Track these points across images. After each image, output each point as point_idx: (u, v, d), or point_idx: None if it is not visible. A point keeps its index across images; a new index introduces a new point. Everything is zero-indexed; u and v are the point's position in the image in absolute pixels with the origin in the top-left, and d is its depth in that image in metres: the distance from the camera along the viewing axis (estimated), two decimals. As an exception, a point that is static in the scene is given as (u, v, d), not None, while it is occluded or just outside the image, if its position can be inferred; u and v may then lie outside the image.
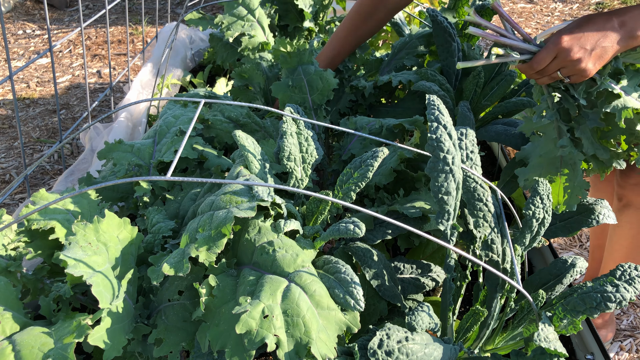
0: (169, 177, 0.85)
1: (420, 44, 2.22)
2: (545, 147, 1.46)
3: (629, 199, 1.72)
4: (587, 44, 1.26)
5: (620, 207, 1.76)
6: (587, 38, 1.26)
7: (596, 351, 1.59)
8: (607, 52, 1.28)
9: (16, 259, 1.24)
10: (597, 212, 1.44)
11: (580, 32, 1.26)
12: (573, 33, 1.26)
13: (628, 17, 1.26)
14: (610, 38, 1.27)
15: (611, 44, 1.27)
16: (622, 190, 1.73)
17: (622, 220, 1.76)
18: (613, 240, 1.87)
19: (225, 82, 2.91)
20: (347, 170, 1.31)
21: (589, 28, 1.26)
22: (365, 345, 1.05)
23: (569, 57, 1.27)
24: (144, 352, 1.12)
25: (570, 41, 1.26)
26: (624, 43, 1.28)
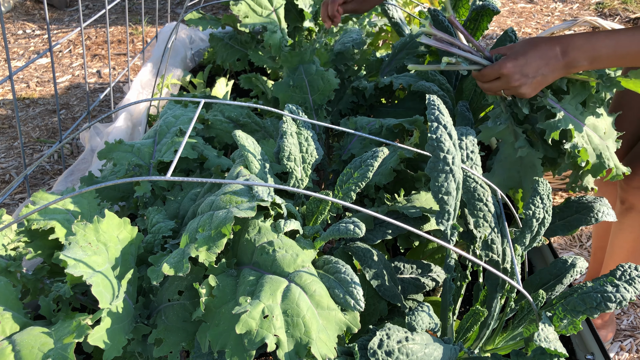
0: (169, 177, 0.85)
1: (420, 44, 2.22)
2: (504, 151, 1.52)
3: (631, 203, 1.72)
4: (529, 72, 1.33)
5: (623, 210, 1.76)
6: (529, 66, 1.33)
7: (596, 351, 1.59)
8: (546, 79, 1.35)
9: (16, 259, 1.24)
10: (596, 209, 1.44)
11: (523, 59, 1.33)
12: (517, 60, 1.33)
13: (571, 48, 1.31)
14: (551, 67, 1.33)
15: (551, 72, 1.34)
16: (625, 194, 1.73)
17: (625, 223, 1.76)
18: (614, 243, 1.87)
19: (225, 82, 2.91)
20: (347, 170, 1.31)
21: (533, 55, 1.33)
22: (365, 345, 1.05)
23: (510, 82, 1.35)
24: (144, 352, 1.12)
25: (512, 68, 1.33)
26: (564, 72, 1.35)
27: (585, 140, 1.42)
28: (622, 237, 1.82)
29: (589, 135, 1.44)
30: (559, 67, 1.33)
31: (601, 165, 1.45)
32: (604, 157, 1.45)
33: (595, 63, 1.32)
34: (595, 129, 1.45)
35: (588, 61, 1.32)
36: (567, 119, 1.40)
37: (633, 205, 1.72)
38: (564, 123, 1.39)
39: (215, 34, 3.00)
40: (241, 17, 2.31)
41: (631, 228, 1.76)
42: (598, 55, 1.31)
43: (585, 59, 1.31)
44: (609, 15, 4.90)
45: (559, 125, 1.38)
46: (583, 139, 1.42)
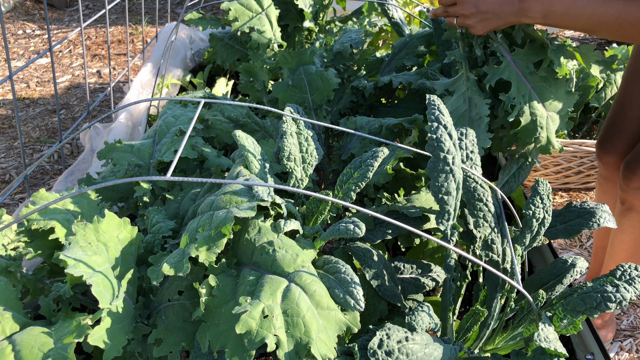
0: (169, 177, 0.85)
1: (420, 44, 2.22)
2: (454, 103, 1.50)
3: (631, 203, 1.72)
4: (482, 6, 1.36)
5: (623, 210, 1.75)
6: (484, 1, 1.36)
7: (596, 351, 1.59)
8: (498, 20, 1.36)
9: (16, 259, 1.24)
10: (598, 215, 1.43)
11: None
12: None
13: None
14: (504, 8, 1.34)
15: (503, 14, 1.35)
16: (624, 194, 1.73)
17: (625, 224, 1.76)
18: (614, 243, 1.87)
19: (225, 82, 2.91)
20: (347, 170, 1.31)
21: None
22: (365, 345, 1.05)
23: (462, 10, 1.38)
24: (144, 352, 1.12)
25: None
26: (516, 17, 1.35)
27: (525, 100, 1.41)
28: (623, 237, 1.82)
29: (531, 98, 1.43)
30: (511, 11, 1.34)
31: (533, 130, 1.43)
32: (538, 124, 1.43)
33: (548, 18, 1.32)
34: (540, 95, 1.44)
35: (541, 14, 1.32)
36: (512, 70, 1.40)
37: (633, 205, 1.72)
38: (506, 73, 1.39)
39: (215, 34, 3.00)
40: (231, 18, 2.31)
41: (631, 229, 1.76)
42: (552, 10, 1.31)
43: (539, 12, 1.32)
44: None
45: (502, 73, 1.39)
46: (523, 98, 1.41)
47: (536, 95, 1.43)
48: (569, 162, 2.57)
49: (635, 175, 1.66)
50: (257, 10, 2.39)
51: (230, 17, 2.31)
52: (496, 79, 1.40)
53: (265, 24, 2.39)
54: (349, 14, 3.16)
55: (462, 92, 1.48)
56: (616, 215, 1.80)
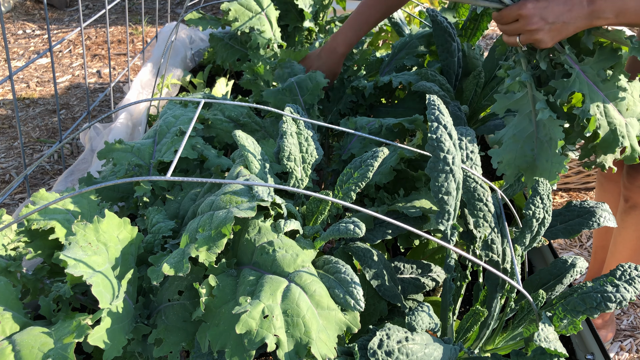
0: (169, 177, 0.85)
1: (420, 44, 2.22)
2: (519, 124, 1.38)
3: (635, 201, 1.72)
4: (549, 16, 1.24)
5: (627, 208, 1.75)
6: (551, 10, 1.24)
7: (596, 351, 1.59)
8: (568, 27, 1.26)
9: (16, 259, 1.24)
10: (598, 215, 1.43)
11: (546, 2, 1.24)
12: (539, 1, 1.24)
13: None
14: (573, 13, 1.24)
15: (573, 20, 1.25)
16: (628, 192, 1.73)
17: (628, 222, 1.76)
18: (617, 241, 1.87)
19: (225, 82, 2.91)
20: (347, 170, 1.31)
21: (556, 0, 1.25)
22: (365, 345, 1.05)
23: (527, 25, 1.26)
24: (144, 352, 1.12)
25: (532, 10, 1.25)
26: (587, 21, 1.26)
27: (600, 111, 1.30)
28: (626, 235, 1.82)
29: (606, 107, 1.31)
30: (583, 15, 1.24)
31: (614, 142, 1.32)
32: (618, 133, 1.31)
33: (622, 16, 1.24)
34: (616, 103, 1.33)
35: (614, 13, 1.23)
36: (583, 82, 1.29)
37: (637, 203, 1.72)
38: (577, 85, 1.27)
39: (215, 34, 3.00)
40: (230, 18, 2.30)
41: (635, 226, 1.75)
42: (625, 8, 1.22)
43: (612, 11, 1.23)
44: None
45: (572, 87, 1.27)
46: (598, 108, 1.29)
47: (611, 103, 1.32)
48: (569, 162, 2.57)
49: (638, 172, 1.66)
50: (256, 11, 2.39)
51: (230, 17, 2.30)
52: (567, 93, 1.28)
53: (265, 24, 2.39)
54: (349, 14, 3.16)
55: (527, 112, 1.36)
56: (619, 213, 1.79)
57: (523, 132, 1.37)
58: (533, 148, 1.36)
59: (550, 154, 1.31)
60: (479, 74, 2.00)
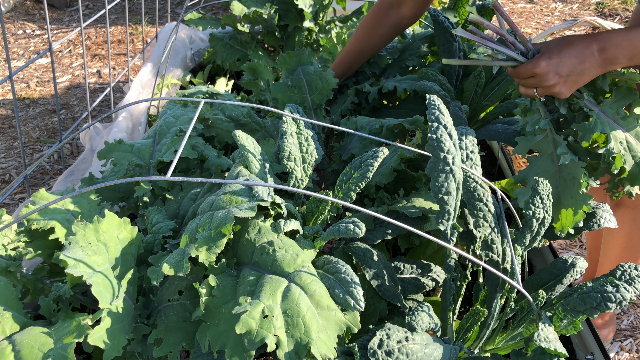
0: (169, 177, 0.85)
1: (422, 45, 2.22)
2: (542, 165, 1.44)
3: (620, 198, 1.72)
4: (564, 71, 1.29)
5: (612, 206, 1.76)
6: (564, 64, 1.29)
7: (596, 351, 1.59)
8: (583, 77, 1.31)
9: (16, 259, 1.24)
10: (599, 215, 1.43)
11: (558, 58, 1.29)
12: (551, 59, 1.29)
13: (609, 45, 1.28)
14: (587, 64, 1.29)
15: (588, 70, 1.30)
16: None
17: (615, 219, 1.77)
18: (607, 239, 1.88)
19: (225, 82, 2.91)
20: (347, 170, 1.31)
21: (568, 54, 1.29)
22: (365, 345, 1.05)
23: (544, 82, 1.30)
24: (144, 352, 1.12)
25: (547, 67, 1.29)
26: (601, 69, 1.31)
27: (623, 147, 1.36)
28: (614, 233, 1.82)
29: (629, 142, 1.38)
30: (596, 64, 1.29)
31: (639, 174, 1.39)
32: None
33: (634, 59, 1.29)
34: (637, 136, 1.39)
35: (627, 58, 1.28)
36: (604, 122, 1.34)
37: (621, 200, 1.72)
38: (599, 126, 1.33)
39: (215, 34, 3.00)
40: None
41: (621, 223, 1.76)
42: (637, 52, 1.28)
43: (624, 56, 1.28)
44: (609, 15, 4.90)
45: (594, 128, 1.32)
46: (621, 144, 1.36)
47: (634, 138, 1.39)
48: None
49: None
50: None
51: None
52: (590, 135, 1.33)
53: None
54: (349, 14, 3.16)
55: (549, 153, 1.41)
56: None
57: (546, 171, 1.42)
58: (557, 186, 1.41)
59: (574, 191, 1.36)
60: (480, 74, 2.00)
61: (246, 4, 2.88)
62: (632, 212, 1.74)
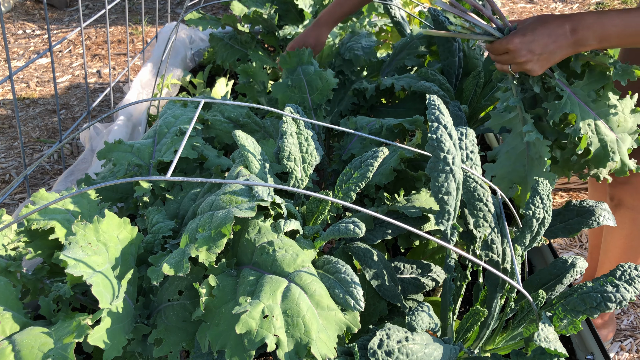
0: (169, 177, 0.85)
1: (421, 44, 2.22)
2: (512, 142, 1.47)
3: (620, 198, 1.73)
4: (536, 49, 1.33)
5: (612, 207, 1.76)
6: (537, 42, 1.33)
7: (596, 351, 1.59)
8: (554, 56, 1.34)
9: (16, 259, 1.24)
10: (598, 214, 1.44)
11: (532, 36, 1.33)
12: (525, 36, 1.33)
13: (580, 26, 1.31)
14: (558, 44, 1.33)
15: (559, 50, 1.34)
16: (613, 190, 1.73)
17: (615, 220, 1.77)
18: (607, 240, 1.88)
19: (225, 82, 2.91)
20: (347, 170, 1.31)
21: (541, 32, 1.33)
22: (365, 345, 1.05)
23: (517, 58, 1.35)
24: (144, 352, 1.12)
25: (520, 44, 1.33)
26: (572, 50, 1.35)
27: (591, 129, 1.39)
28: (614, 234, 1.82)
29: (597, 125, 1.40)
30: (567, 44, 1.33)
31: (604, 157, 1.41)
32: (609, 149, 1.40)
33: (604, 42, 1.32)
34: (607, 120, 1.41)
35: (597, 40, 1.31)
36: (574, 102, 1.37)
37: (621, 201, 1.72)
38: (568, 106, 1.36)
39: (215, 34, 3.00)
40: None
41: (622, 224, 1.76)
42: (607, 35, 1.30)
43: (594, 38, 1.31)
44: (609, 15, 4.89)
45: (563, 108, 1.36)
46: (589, 127, 1.38)
47: (602, 121, 1.41)
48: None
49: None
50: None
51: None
52: (559, 114, 1.37)
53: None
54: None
55: (519, 131, 1.45)
56: None
57: (515, 149, 1.47)
58: (525, 164, 1.46)
59: (540, 170, 1.40)
60: (479, 74, 2.00)
61: (246, 4, 2.88)
62: (632, 213, 1.74)
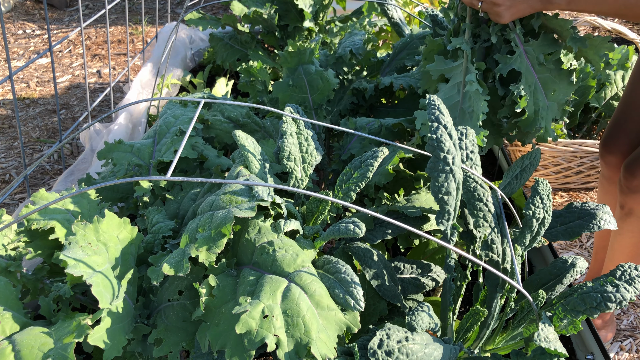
0: (169, 177, 0.85)
1: (420, 44, 2.22)
2: (448, 92, 1.48)
3: (630, 207, 1.71)
4: None
5: (622, 215, 1.75)
6: None
7: (596, 351, 1.59)
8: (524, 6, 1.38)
9: (16, 259, 1.24)
10: (599, 217, 1.43)
11: None
12: None
13: None
14: None
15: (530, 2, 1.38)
16: (624, 198, 1.72)
17: (624, 228, 1.75)
18: (614, 247, 1.86)
19: (225, 82, 2.91)
20: (347, 170, 1.31)
21: None
22: (365, 345, 1.05)
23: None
24: (143, 352, 1.12)
25: None
26: (541, 5, 1.39)
27: (530, 91, 1.43)
28: (622, 241, 1.81)
29: (536, 88, 1.44)
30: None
31: (534, 121, 1.46)
32: (539, 115, 1.45)
33: (572, 4, 1.37)
34: (545, 86, 1.46)
35: (566, 1, 1.36)
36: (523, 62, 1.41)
37: (632, 210, 1.71)
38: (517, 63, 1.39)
39: (215, 34, 3.00)
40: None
41: (631, 233, 1.75)
42: None
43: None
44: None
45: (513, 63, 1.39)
46: (529, 88, 1.42)
47: (541, 86, 1.45)
48: (569, 162, 2.57)
49: (634, 177, 1.65)
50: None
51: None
52: (508, 69, 1.40)
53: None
54: (349, 14, 3.16)
55: (458, 82, 1.46)
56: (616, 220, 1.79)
57: (450, 100, 1.48)
58: (456, 117, 1.47)
59: (471, 124, 1.42)
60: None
61: (246, 4, 2.88)
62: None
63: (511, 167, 1.67)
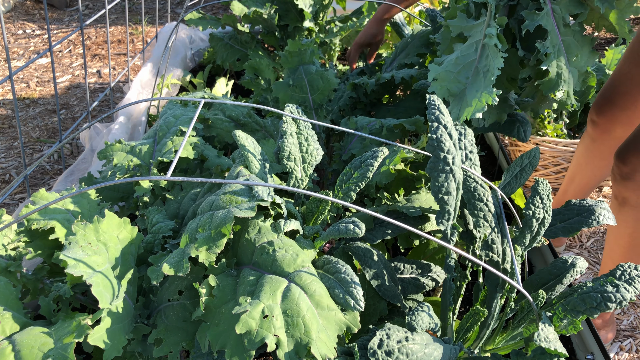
0: (169, 177, 0.85)
1: (421, 44, 2.23)
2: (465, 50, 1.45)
3: (624, 197, 1.72)
4: None
5: (617, 205, 1.76)
6: None
7: (596, 351, 1.59)
8: None
9: (16, 259, 1.24)
10: (597, 213, 1.43)
11: None
12: None
13: None
14: None
15: None
16: (618, 187, 1.73)
17: (619, 219, 1.76)
18: (610, 239, 1.87)
19: (225, 82, 2.91)
20: (347, 170, 1.31)
21: None
22: (365, 345, 1.05)
23: None
24: (144, 352, 1.12)
25: None
26: None
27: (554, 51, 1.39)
28: (618, 233, 1.81)
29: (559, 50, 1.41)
30: None
31: (556, 84, 1.42)
32: (562, 77, 1.42)
33: None
34: (567, 49, 1.43)
35: None
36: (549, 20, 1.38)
37: (626, 199, 1.72)
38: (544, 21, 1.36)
39: (215, 34, 3.00)
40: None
41: (625, 223, 1.75)
42: None
43: None
44: (609, 15, 4.89)
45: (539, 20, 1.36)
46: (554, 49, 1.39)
47: (564, 49, 1.41)
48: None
49: (625, 164, 1.66)
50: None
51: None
52: (535, 25, 1.36)
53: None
54: (349, 14, 3.16)
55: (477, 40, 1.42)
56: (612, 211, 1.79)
57: (466, 57, 1.44)
58: (469, 77, 1.43)
59: (483, 85, 1.37)
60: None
61: (246, 4, 2.88)
62: (636, 211, 1.73)
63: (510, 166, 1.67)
